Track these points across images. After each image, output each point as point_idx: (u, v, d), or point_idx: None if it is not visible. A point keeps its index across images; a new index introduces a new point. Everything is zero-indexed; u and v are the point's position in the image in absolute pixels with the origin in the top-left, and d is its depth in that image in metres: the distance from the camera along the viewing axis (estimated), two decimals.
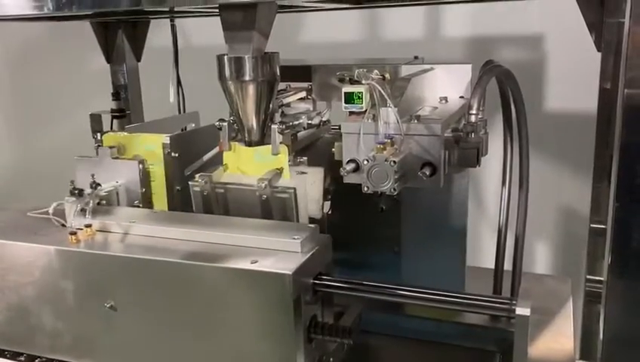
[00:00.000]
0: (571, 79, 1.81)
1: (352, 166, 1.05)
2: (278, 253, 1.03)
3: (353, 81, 1.13)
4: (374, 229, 1.29)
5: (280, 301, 0.97)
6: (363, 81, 1.08)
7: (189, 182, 1.22)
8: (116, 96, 1.45)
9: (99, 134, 1.40)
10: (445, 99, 1.25)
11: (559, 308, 1.32)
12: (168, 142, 1.32)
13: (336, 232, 1.13)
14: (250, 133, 1.21)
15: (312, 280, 1.03)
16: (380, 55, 1.52)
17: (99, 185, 1.23)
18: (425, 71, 1.26)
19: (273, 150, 1.20)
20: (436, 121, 1.04)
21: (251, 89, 1.15)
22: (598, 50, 1.30)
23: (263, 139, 1.22)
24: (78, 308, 1.13)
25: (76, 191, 1.19)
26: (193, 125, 1.60)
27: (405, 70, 1.28)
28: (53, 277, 1.13)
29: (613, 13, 1.25)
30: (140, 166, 1.28)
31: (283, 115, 1.33)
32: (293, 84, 1.41)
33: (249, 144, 1.21)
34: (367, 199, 1.08)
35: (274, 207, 1.17)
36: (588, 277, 1.48)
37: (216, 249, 1.07)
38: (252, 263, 1.00)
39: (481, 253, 1.76)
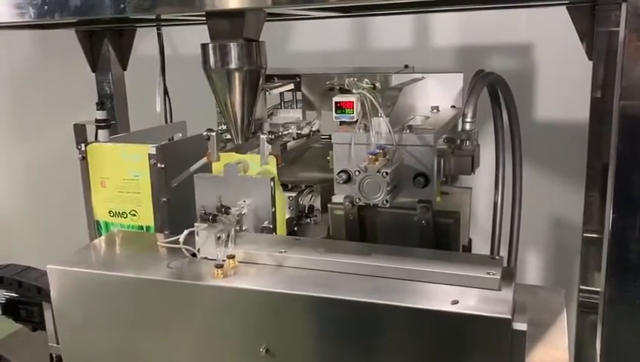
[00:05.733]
0: (562, 88, 1.80)
1: (343, 177, 1.02)
2: (475, 291, 0.89)
3: (343, 91, 1.11)
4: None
5: (492, 349, 0.84)
6: (354, 91, 1.06)
7: (328, 205, 1.13)
8: (101, 105, 1.42)
9: (83, 145, 1.37)
10: (437, 108, 1.23)
11: (553, 320, 1.30)
12: (154, 152, 1.29)
13: None
14: (236, 127, 1.13)
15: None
16: (369, 64, 1.50)
17: (228, 208, 1.08)
18: (416, 80, 1.25)
19: (262, 160, 1.18)
20: (429, 131, 1.02)
21: (237, 77, 1.08)
22: (590, 59, 1.30)
23: (249, 135, 1.15)
24: (227, 351, 0.98)
25: (209, 217, 1.04)
26: (180, 135, 1.58)
27: (396, 79, 1.27)
28: (197, 318, 0.98)
29: (604, 22, 1.24)
30: (271, 183, 1.14)
31: (272, 124, 1.31)
32: (283, 91, 1.39)
33: (237, 138, 1.14)
34: None
35: (436, 234, 1.07)
36: (581, 287, 1.46)
37: (397, 285, 0.92)
38: (453, 304, 0.86)
39: None
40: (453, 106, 1.26)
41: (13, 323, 1.33)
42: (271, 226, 1.14)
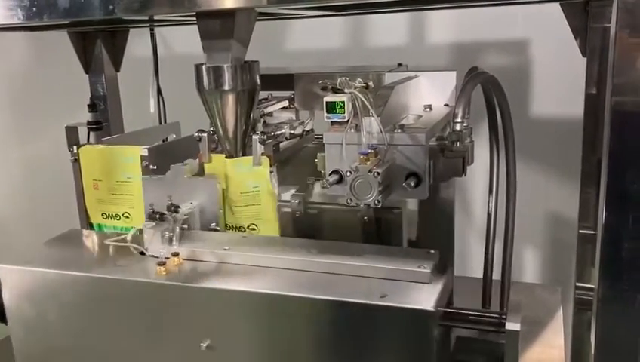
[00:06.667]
0: (557, 84, 1.80)
1: (335, 177, 1.02)
2: (406, 284, 0.93)
3: (336, 90, 1.10)
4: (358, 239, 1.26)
5: (418, 341, 0.87)
6: (345, 90, 1.06)
7: (277, 203, 1.14)
8: (92, 107, 1.41)
9: (75, 147, 1.37)
10: (430, 107, 1.23)
11: (549, 318, 1.30)
12: (146, 154, 1.28)
13: None
14: (230, 145, 1.16)
15: (442, 315, 0.93)
16: (363, 62, 1.50)
17: (178, 207, 1.10)
18: (409, 78, 1.24)
19: (254, 161, 1.17)
20: (420, 131, 1.02)
21: (231, 99, 1.11)
22: (583, 55, 1.29)
23: (244, 150, 1.17)
24: (169, 348, 1.00)
25: (157, 216, 1.07)
26: (174, 136, 1.57)
27: (389, 78, 1.26)
28: (140, 315, 1.01)
29: (597, 19, 1.24)
30: (218, 185, 1.16)
31: (265, 124, 1.30)
32: (275, 93, 1.38)
33: (230, 156, 1.17)
34: None
35: (378, 229, 1.08)
36: (577, 284, 1.46)
37: (332, 280, 0.95)
38: (382, 297, 0.89)
39: (469, 262, 1.74)
40: (446, 105, 1.25)
41: (5, 327, 1.32)
42: (218, 228, 1.16)
